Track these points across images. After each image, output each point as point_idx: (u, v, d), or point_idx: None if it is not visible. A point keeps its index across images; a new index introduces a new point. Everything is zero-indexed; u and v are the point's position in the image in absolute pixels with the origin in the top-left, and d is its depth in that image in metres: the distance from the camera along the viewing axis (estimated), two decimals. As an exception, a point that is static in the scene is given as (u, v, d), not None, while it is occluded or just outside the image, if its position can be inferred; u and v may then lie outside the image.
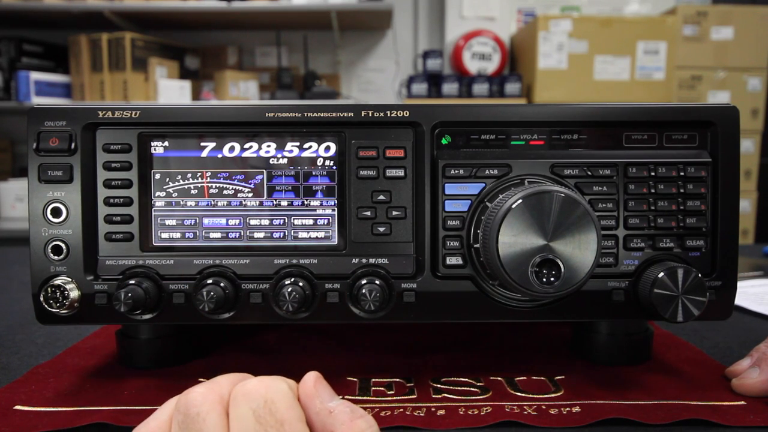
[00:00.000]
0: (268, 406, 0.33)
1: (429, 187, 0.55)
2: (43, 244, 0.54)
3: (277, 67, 3.25)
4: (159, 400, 0.53)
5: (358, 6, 2.93)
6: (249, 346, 0.67)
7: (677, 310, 0.51)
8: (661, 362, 0.62)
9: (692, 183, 0.55)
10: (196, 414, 0.33)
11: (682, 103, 0.56)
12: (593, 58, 2.87)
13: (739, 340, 0.70)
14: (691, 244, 0.55)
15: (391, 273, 0.55)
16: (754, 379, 0.53)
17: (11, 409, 0.51)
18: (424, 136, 0.55)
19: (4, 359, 0.64)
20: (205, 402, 0.34)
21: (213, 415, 0.33)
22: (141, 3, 2.92)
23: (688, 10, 2.93)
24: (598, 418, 0.49)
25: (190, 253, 0.55)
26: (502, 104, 0.56)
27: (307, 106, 0.55)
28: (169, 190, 0.56)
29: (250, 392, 0.34)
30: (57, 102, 2.93)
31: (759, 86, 2.96)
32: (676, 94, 2.93)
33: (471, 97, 3.07)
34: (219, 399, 0.34)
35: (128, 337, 0.61)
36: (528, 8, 3.44)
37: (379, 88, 3.55)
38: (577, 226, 0.47)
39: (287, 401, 0.34)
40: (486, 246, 0.49)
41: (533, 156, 0.55)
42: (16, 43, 2.99)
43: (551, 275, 0.47)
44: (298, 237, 0.56)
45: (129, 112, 0.55)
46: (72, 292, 0.53)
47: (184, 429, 0.33)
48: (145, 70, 2.96)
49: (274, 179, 0.56)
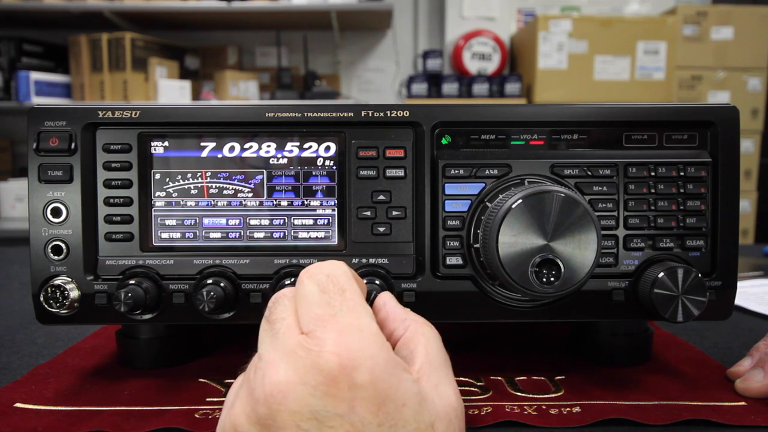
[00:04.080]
0: (330, 279, 0.38)
1: (429, 187, 0.55)
2: (43, 244, 0.54)
3: (277, 67, 3.25)
4: (159, 400, 0.53)
5: (358, 6, 2.93)
6: (249, 346, 0.67)
7: (677, 310, 0.51)
8: (661, 362, 0.62)
9: (692, 183, 0.55)
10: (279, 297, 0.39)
11: (682, 103, 0.56)
12: (593, 58, 2.87)
13: (739, 340, 0.70)
14: (691, 244, 0.55)
15: (391, 273, 0.55)
16: (759, 383, 0.53)
17: (11, 407, 0.51)
18: (424, 136, 0.55)
19: (4, 359, 0.64)
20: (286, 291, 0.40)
21: (289, 298, 0.39)
22: (141, 3, 2.91)
23: (688, 10, 2.93)
24: (599, 418, 0.49)
25: (190, 253, 0.55)
26: (502, 104, 0.56)
27: (307, 106, 0.55)
28: (169, 190, 0.56)
29: (312, 270, 0.39)
30: (57, 102, 2.92)
31: (759, 86, 2.96)
32: (676, 94, 2.93)
33: (471, 97, 3.07)
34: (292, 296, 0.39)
35: (128, 337, 0.61)
36: (528, 8, 3.44)
37: (379, 88, 3.55)
38: (577, 226, 0.47)
39: (347, 275, 0.39)
40: (486, 246, 0.49)
41: (533, 156, 0.55)
42: (16, 43, 2.99)
43: (551, 275, 0.47)
44: (298, 237, 0.56)
45: (129, 112, 0.55)
46: (72, 292, 0.53)
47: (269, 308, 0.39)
48: (145, 70, 2.96)
49: (274, 179, 0.56)
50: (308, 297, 0.37)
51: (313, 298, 0.37)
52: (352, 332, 0.34)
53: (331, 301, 0.36)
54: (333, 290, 0.37)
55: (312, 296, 0.37)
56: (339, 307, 0.36)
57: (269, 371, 0.34)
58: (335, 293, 0.37)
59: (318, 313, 0.36)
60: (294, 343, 0.34)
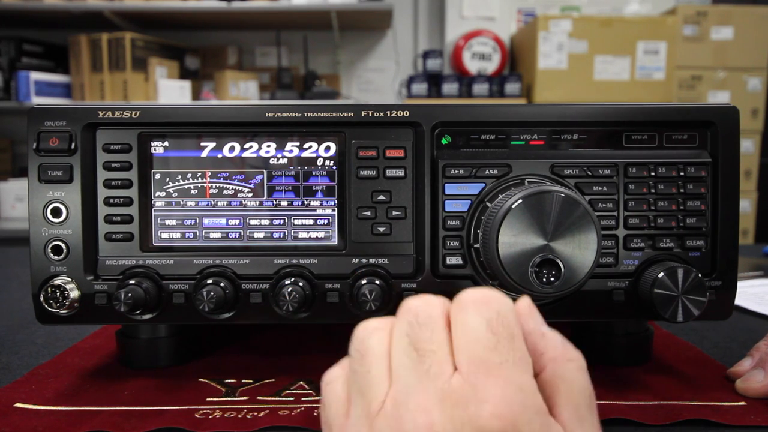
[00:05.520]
0: (501, 318, 0.33)
1: (429, 187, 0.55)
2: (43, 244, 0.54)
3: (277, 67, 3.25)
4: (159, 400, 0.53)
5: (358, 6, 2.93)
6: (249, 346, 0.67)
7: (677, 310, 0.51)
8: (661, 362, 0.62)
9: (692, 183, 0.55)
10: (428, 317, 0.33)
11: (682, 103, 0.56)
12: (593, 58, 2.87)
13: (739, 340, 0.70)
14: (691, 244, 0.55)
15: (391, 273, 0.55)
16: (760, 383, 0.53)
17: (11, 407, 0.51)
18: (424, 136, 0.55)
19: (4, 359, 0.64)
20: (435, 309, 0.34)
21: (441, 323, 0.33)
22: (141, 3, 2.92)
23: (688, 10, 2.93)
24: (599, 417, 0.49)
25: (190, 253, 0.55)
26: (502, 104, 0.56)
27: (307, 106, 0.55)
28: (169, 190, 0.56)
29: (481, 301, 0.33)
30: (57, 102, 2.93)
31: (759, 86, 2.96)
32: (676, 94, 2.93)
33: (471, 97, 3.07)
34: (445, 310, 0.34)
35: (128, 337, 0.61)
36: (528, 8, 3.44)
37: (379, 88, 3.55)
38: (577, 226, 0.47)
39: (515, 317, 0.34)
40: (486, 246, 0.49)
41: (533, 156, 0.55)
42: (16, 43, 2.99)
43: (551, 275, 0.47)
44: (298, 237, 0.56)
45: (129, 112, 0.55)
46: (72, 292, 0.53)
47: (414, 329, 0.33)
48: (145, 70, 2.96)
49: (274, 179, 0.56)
50: (473, 332, 0.32)
51: (479, 335, 0.32)
52: (515, 391, 0.31)
53: (499, 346, 0.32)
54: (503, 334, 0.32)
55: (478, 332, 0.32)
56: (506, 356, 0.32)
57: (419, 416, 0.31)
58: (505, 338, 0.32)
59: (482, 356, 0.32)
60: (449, 387, 0.31)
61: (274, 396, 0.54)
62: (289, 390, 0.55)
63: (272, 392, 0.55)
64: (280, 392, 0.55)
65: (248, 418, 0.49)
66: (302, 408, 0.51)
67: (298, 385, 0.56)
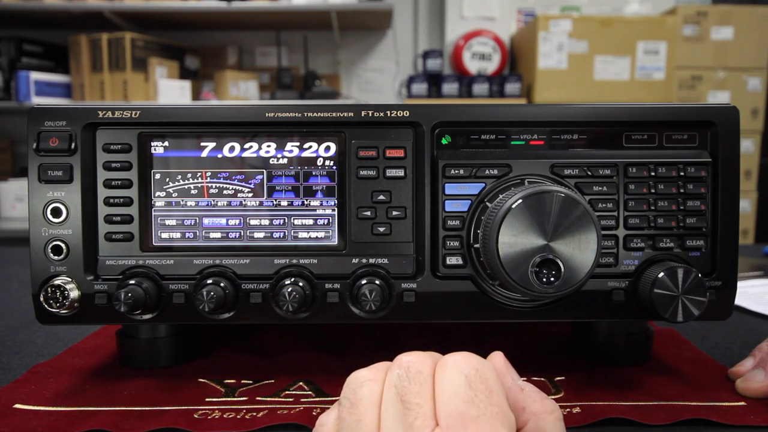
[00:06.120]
0: (479, 374, 0.35)
1: (429, 187, 0.55)
2: (43, 244, 0.54)
3: (277, 67, 3.25)
4: (159, 400, 0.53)
5: (358, 6, 2.93)
6: (249, 346, 0.67)
7: (677, 310, 0.51)
8: (661, 362, 0.62)
9: (692, 183, 0.55)
10: (417, 372, 0.35)
11: (682, 103, 0.56)
12: (593, 58, 2.87)
13: (739, 340, 0.70)
14: (691, 244, 0.55)
15: (391, 273, 0.55)
16: (760, 383, 0.53)
17: (11, 408, 0.51)
18: (424, 136, 0.55)
19: (4, 359, 0.64)
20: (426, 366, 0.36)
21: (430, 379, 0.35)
22: (141, 3, 2.91)
23: (688, 10, 2.93)
24: (599, 418, 0.49)
25: (190, 253, 0.55)
26: (502, 104, 0.56)
27: (307, 106, 0.55)
28: (169, 190, 0.56)
29: (461, 361, 0.36)
30: (57, 102, 2.92)
31: (759, 86, 2.96)
32: (676, 94, 2.93)
33: (471, 97, 3.06)
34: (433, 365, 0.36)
35: (128, 337, 0.61)
36: (528, 8, 3.44)
37: (379, 88, 3.54)
38: (577, 226, 0.47)
39: (494, 373, 0.36)
40: (486, 246, 0.49)
41: (533, 156, 0.55)
42: (16, 43, 2.99)
43: (551, 275, 0.47)
44: (298, 237, 0.56)
45: (129, 112, 0.55)
46: (72, 292, 0.53)
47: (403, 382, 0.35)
48: (145, 70, 2.96)
49: (274, 179, 0.56)
50: (452, 386, 0.34)
51: (458, 390, 0.34)
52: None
53: (476, 400, 0.34)
54: (480, 389, 0.34)
55: (456, 387, 0.34)
56: (482, 410, 0.33)
57: None
58: (482, 392, 0.34)
59: (460, 409, 0.33)
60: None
61: (273, 396, 0.54)
62: (288, 390, 0.55)
63: (271, 393, 0.55)
64: (280, 393, 0.55)
65: (247, 418, 0.49)
66: (301, 408, 0.51)
67: (297, 385, 0.56)
